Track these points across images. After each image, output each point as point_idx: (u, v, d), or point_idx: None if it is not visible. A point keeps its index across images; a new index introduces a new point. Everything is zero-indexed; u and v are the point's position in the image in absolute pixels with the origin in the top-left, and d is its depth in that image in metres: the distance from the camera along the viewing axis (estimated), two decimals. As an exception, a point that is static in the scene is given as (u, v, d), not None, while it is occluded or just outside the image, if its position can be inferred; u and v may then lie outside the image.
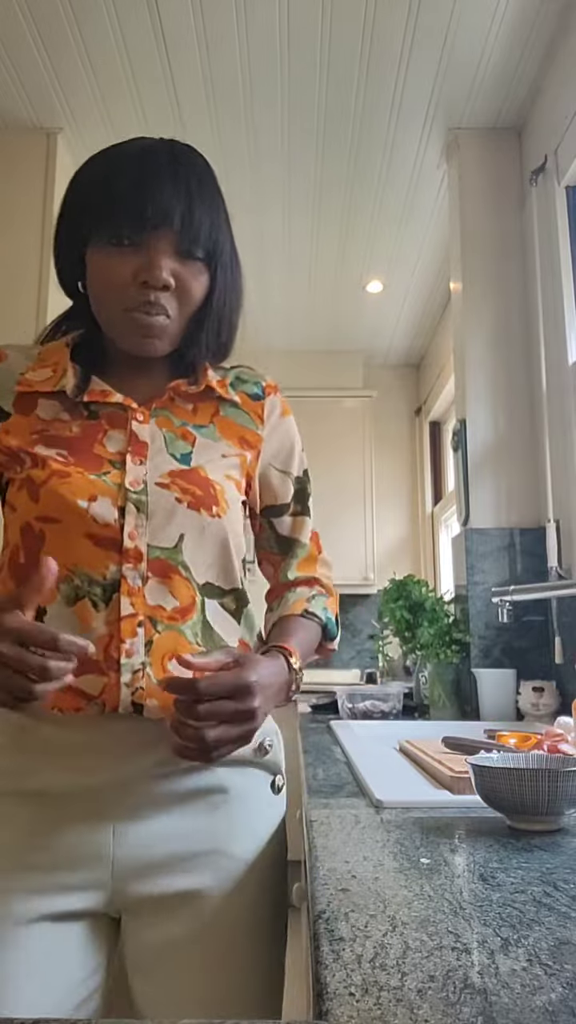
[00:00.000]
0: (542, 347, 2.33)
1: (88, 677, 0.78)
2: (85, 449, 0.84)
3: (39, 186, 2.65)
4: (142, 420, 0.87)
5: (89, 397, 0.86)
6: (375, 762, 1.29)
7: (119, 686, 0.78)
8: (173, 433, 0.88)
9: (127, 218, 0.80)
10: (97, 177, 0.84)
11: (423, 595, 2.45)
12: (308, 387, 4.39)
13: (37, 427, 0.85)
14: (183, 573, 0.83)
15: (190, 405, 0.91)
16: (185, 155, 0.86)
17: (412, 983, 0.45)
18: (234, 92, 2.48)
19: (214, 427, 0.92)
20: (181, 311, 0.85)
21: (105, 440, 0.85)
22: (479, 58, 2.32)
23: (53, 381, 0.87)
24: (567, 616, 2.10)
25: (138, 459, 0.84)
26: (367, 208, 3.12)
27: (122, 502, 0.81)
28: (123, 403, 0.87)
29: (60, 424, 0.85)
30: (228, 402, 0.94)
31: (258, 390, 0.98)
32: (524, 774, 0.79)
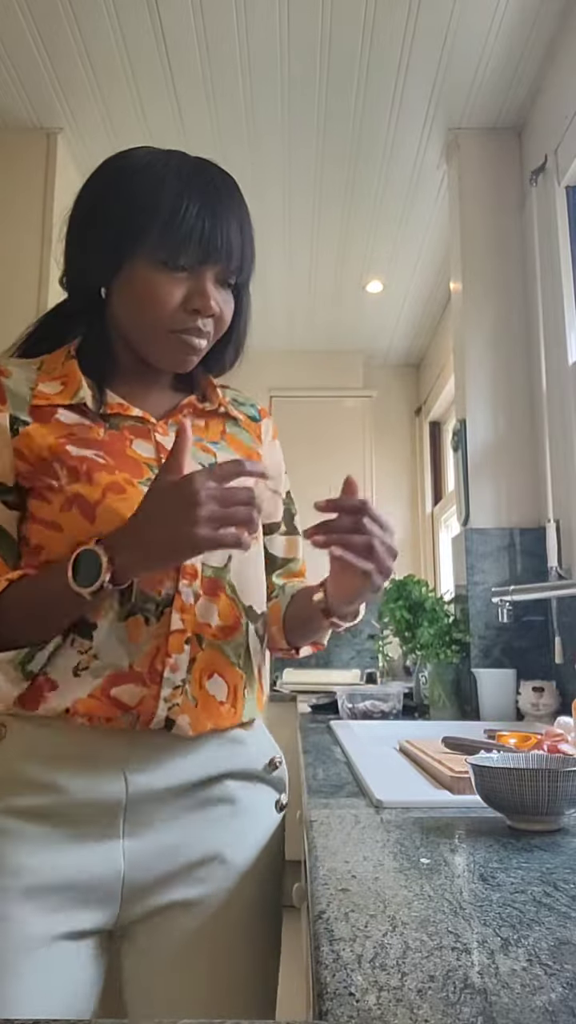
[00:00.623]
0: (542, 347, 2.33)
1: (127, 687, 0.78)
2: (120, 452, 0.83)
3: (39, 186, 2.65)
4: (163, 433, 0.88)
5: (109, 410, 0.86)
6: (375, 762, 1.29)
7: (158, 699, 0.78)
8: (194, 447, 0.89)
9: (194, 248, 0.80)
10: (156, 191, 0.81)
11: (423, 595, 2.45)
12: (308, 387, 4.39)
13: (63, 431, 0.83)
14: (229, 592, 0.85)
15: (202, 421, 0.93)
16: (233, 183, 0.88)
17: (412, 983, 0.45)
18: (234, 92, 2.48)
19: (225, 443, 0.93)
20: (216, 335, 0.87)
21: (134, 447, 0.85)
22: (479, 58, 2.32)
23: (68, 394, 0.85)
24: (567, 616, 2.10)
25: None
26: (367, 208, 3.12)
27: None
28: (143, 417, 0.87)
29: (86, 428, 0.84)
30: (232, 420, 0.96)
31: (254, 412, 1.01)
32: (524, 774, 0.79)
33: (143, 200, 0.82)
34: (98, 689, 0.78)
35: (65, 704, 0.78)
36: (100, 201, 0.85)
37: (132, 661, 0.79)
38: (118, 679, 0.78)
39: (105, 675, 0.78)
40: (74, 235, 0.87)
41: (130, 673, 0.78)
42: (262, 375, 4.32)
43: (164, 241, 0.80)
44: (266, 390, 4.33)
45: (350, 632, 4.37)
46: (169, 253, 0.80)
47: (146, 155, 0.86)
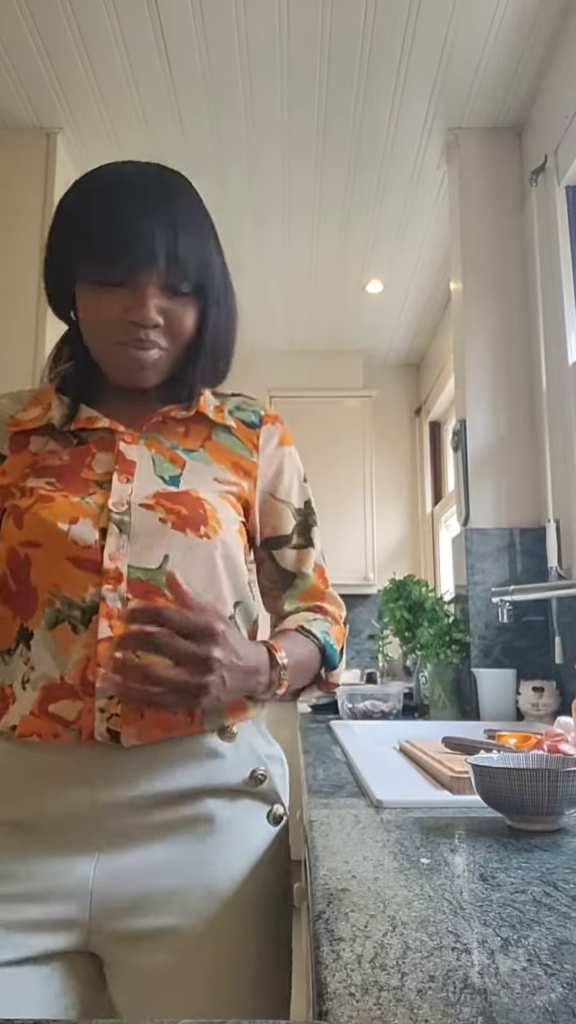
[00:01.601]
0: (542, 347, 2.33)
1: (63, 703, 0.76)
2: (73, 475, 0.84)
3: (39, 186, 2.65)
4: (130, 441, 0.87)
5: (76, 425, 0.87)
6: (375, 762, 1.29)
7: (94, 711, 0.76)
8: (162, 455, 0.87)
9: (113, 259, 0.79)
10: (81, 210, 0.83)
11: (423, 595, 2.45)
12: (308, 387, 4.39)
13: (29, 461, 0.86)
14: (168, 595, 0.79)
15: (181, 428, 0.91)
16: (171, 186, 0.84)
17: (412, 983, 0.45)
18: (234, 92, 2.48)
19: (203, 451, 0.90)
20: (173, 344, 0.85)
21: (93, 463, 0.85)
22: (479, 58, 2.31)
23: (42, 416, 0.88)
24: (567, 616, 2.10)
25: (124, 476, 0.83)
26: (367, 208, 3.12)
27: (104, 523, 0.80)
28: (110, 427, 0.87)
29: (50, 454, 0.86)
30: (221, 427, 0.92)
31: (255, 418, 0.96)
32: (524, 774, 0.79)
33: (74, 225, 0.83)
34: (36, 704, 0.77)
35: (13, 721, 0.78)
36: (52, 230, 0.87)
37: (63, 672, 0.77)
38: (52, 692, 0.77)
39: (40, 687, 0.77)
40: (44, 269, 0.89)
41: (63, 686, 0.77)
42: (262, 375, 4.32)
43: (93, 260, 0.80)
44: (266, 390, 4.33)
45: (350, 632, 4.37)
46: (99, 271, 0.80)
47: (86, 177, 0.86)
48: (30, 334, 2.54)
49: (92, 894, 0.76)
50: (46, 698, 0.77)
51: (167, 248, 0.79)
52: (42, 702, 0.77)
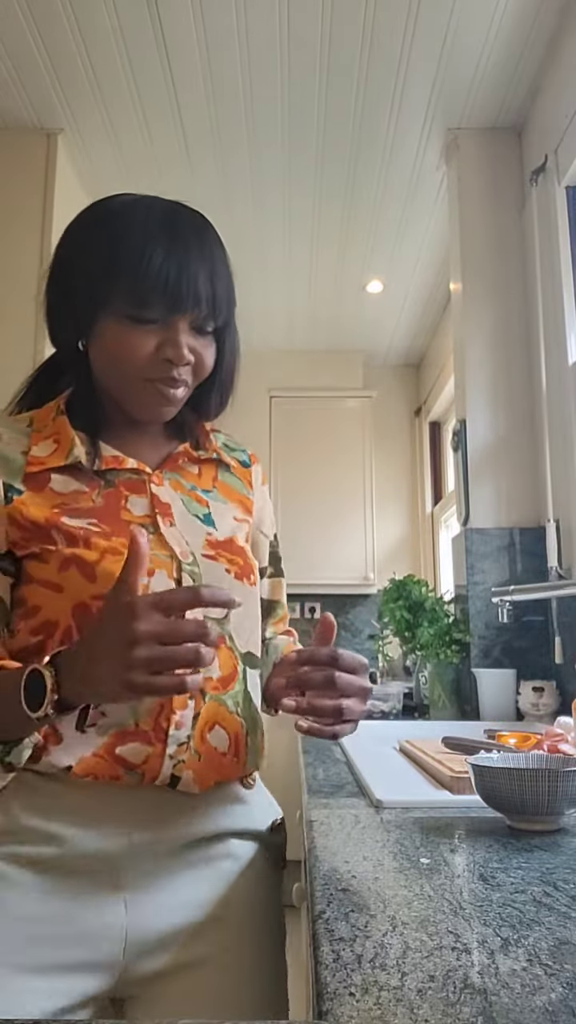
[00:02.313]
0: (542, 347, 2.33)
1: (133, 746, 0.77)
2: (114, 517, 0.83)
3: (39, 186, 2.65)
4: (158, 483, 0.88)
5: (104, 465, 0.85)
6: (375, 762, 1.29)
7: (163, 757, 0.77)
8: (188, 496, 0.89)
9: (157, 297, 0.78)
10: (120, 245, 0.80)
11: (423, 595, 2.45)
12: (308, 387, 4.39)
13: (56, 501, 0.83)
14: (228, 643, 0.85)
15: (195, 468, 0.93)
16: (204, 227, 0.84)
17: (412, 983, 0.45)
18: (234, 92, 2.48)
19: (217, 491, 0.94)
20: (195, 381, 0.86)
21: (128, 505, 0.84)
22: (479, 58, 2.32)
23: (62, 453, 0.85)
24: (567, 616, 2.10)
25: (168, 520, 0.84)
26: (367, 208, 3.12)
27: (177, 574, 0.81)
28: (138, 468, 0.87)
29: (81, 495, 0.83)
30: (225, 466, 0.96)
31: (245, 458, 1.01)
32: (524, 774, 0.79)
33: (107, 256, 0.81)
34: (103, 748, 0.77)
35: (68, 761, 0.76)
36: (71, 256, 0.85)
37: (137, 719, 0.78)
38: (123, 737, 0.77)
39: (110, 733, 0.77)
40: (51, 290, 0.87)
41: (136, 731, 0.77)
42: (262, 375, 4.32)
43: (130, 297, 0.79)
44: (266, 390, 4.33)
45: (350, 632, 4.37)
46: (136, 308, 0.79)
47: (116, 206, 0.85)
48: (29, 335, 2.54)
49: (127, 935, 0.77)
50: (115, 742, 0.77)
51: (208, 289, 0.81)
52: (110, 745, 0.77)
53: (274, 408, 4.34)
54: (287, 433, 4.29)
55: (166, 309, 0.79)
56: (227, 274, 0.85)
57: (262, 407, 4.31)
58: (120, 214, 0.83)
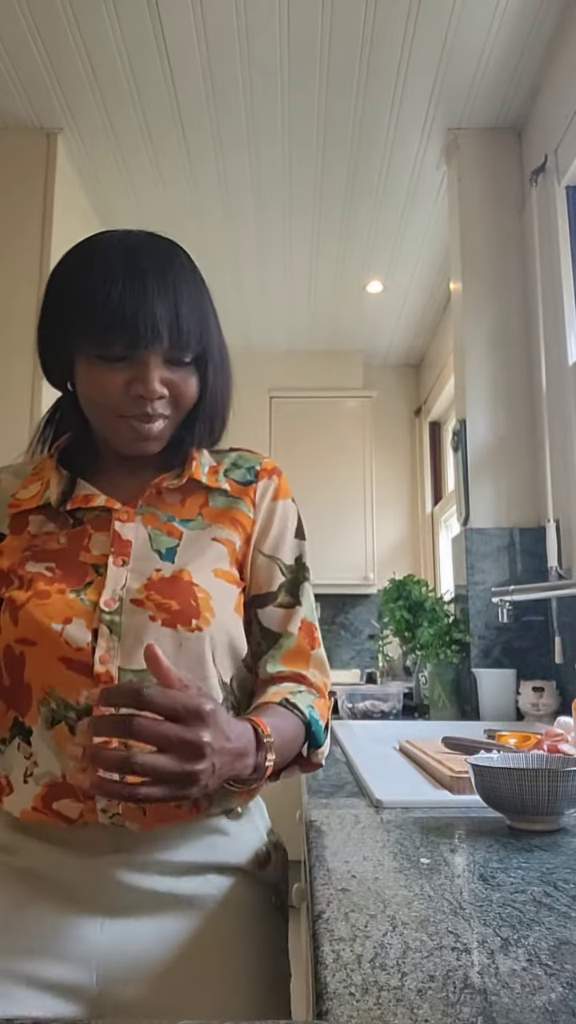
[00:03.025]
0: (542, 347, 2.33)
1: (66, 802, 0.76)
2: (71, 560, 0.83)
3: (39, 186, 2.64)
4: (126, 519, 0.85)
5: (72, 504, 0.86)
6: (375, 762, 1.29)
7: (96, 811, 0.76)
8: (158, 529, 0.86)
9: (117, 334, 0.77)
10: (78, 282, 0.81)
11: (423, 595, 2.45)
12: (308, 387, 4.39)
13: (28, 544, 0.85)
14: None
15: (178, 498, 0.89)
16: (169, 257, 0.82)
17: (412, 983, 0.45)
18: (234, 92, 2.48)
19: (201, 518, 0.89)
20: (177, 413, 0.85)
21: (90, 545, 0.84)
22: (479, 58, 2.31)
23: (40, 495, 0.87)
24: (567, 616, 2.10)
25: (120, 559, 0.82)
26: (367, 208, 3.12)
27: (96, 623, 0.78)
28: (106, 505, 0.86)
29: (47, 537, 0.85)
30: (216, 491, 0.90)
31: (250, 476, 0.93)
32: (524, 774, 0.79)
33: (72, 296, 0.81)
34: (39, 799, 0.77)
35: (16, 812, 0.78)
36: (47, 299, 0.85)
37: (64, 771, 0.77)
38: (56, 791, 0.77)
39: (43, 783, 0.77)
40: (38, 334, 0.87)
41: (64, 785, 0.76)
42: (262, 375, 4.32)
43: (93, 336, 0.79)
44: (266, 390, 4.33)
45: (350, 632, 4.37)
46: (100, 347, 0.79)
47: (87, 244, 0.84)
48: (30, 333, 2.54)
49: (99, 959, 0.75)
50: (50, 795, 0.77)
51: (169, 321, 0.78)
52: (46, 798, 0.77)
53: (274, 408, 4.34)
54: (287, 433, 4.29)
55: (128, 345, 0.78)
56: (197, 302, 0.82)
57: (262, 407, 4.31)
58: (86, 253, 0.83)
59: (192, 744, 0.62)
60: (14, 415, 2.47)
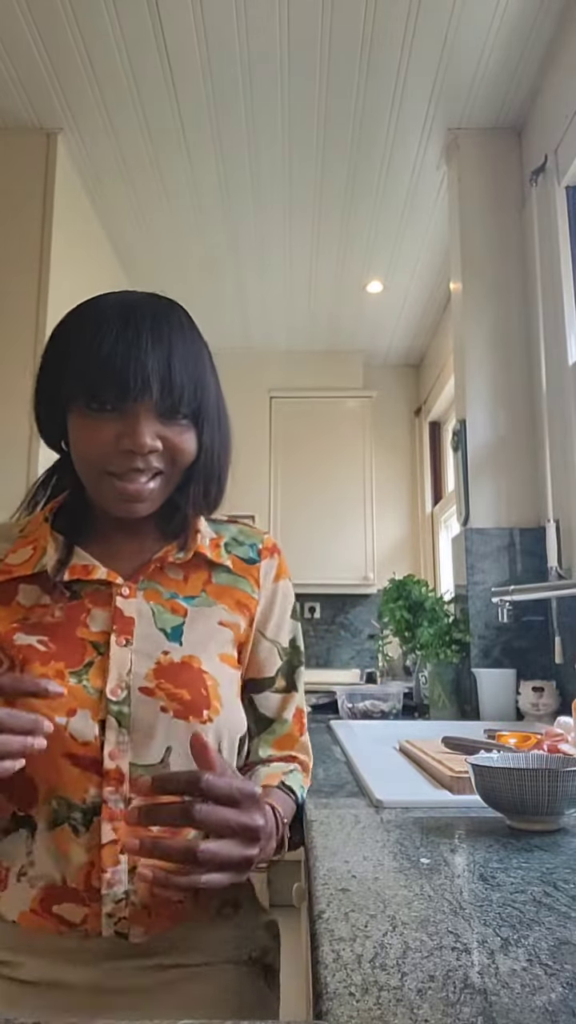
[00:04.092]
0: (542, 347, 2.33)
1: (68, 906, 0.74)
2: (68, 635, 0.79)
3: (39, 186, 2.64)
4: (128, 595, 0.82)
5: (71, 575, 0.82)
6: (375, 762, 1.29)
7: (101, 916, 0.74)
8: (162, 606, 0.83)
9: (107, 386, 0.76)
10: (76, 338, 0.80)
11: (423, 595, 2.45)
12: (308, 387, 4.39)
13: (18, 615, 0.81)
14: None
15: (180, 574, 0.87)
16: (165, 314, 0.81)
17: (412, 983, 0.45)
18: (234, 92, 2.48)
19: (206, 595, 0.87)
20: (174, 469, 0.82)
21: (88, 620, 0.80)
22: (479, 58, 2.31)
23: (33, 561, 0.83)
24: (567, 616, 2.10)
25: (123, 638, 0.79)
26: (367, 208, 3.12)
27: (103, 715, 0.75)
28: (107, 579, 0.82)
29: (42, 609, 0.81)
30: (220, 567, 0.89)
31: (253, 553, 0.92)
32: (524, 774, 0.79)
33: (66, 352, 0.80)
34: (37, 902, 0.74)
35: (12, 915, 0.75)
36: (44, 358, 0.84)
37: (65, 875, 0.74)
38: (55, 894, 0.74)
39: (40, 886, 0.74)
40: (35, 394, 0.86)
41: (65, 889, 0.73)
42: (262, 375, 4.32)
43: (84, 388, 0.77)
44: (266, 390, 4.34)
45: (350, 632, 4.37)
46: (90, 398, 0.77)
47: (84, 304, 0.84)
48: (30, 332, 2.54)
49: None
50: (48, 898, 0.74)
51: (161, 374, 0.77)
52: (44, 901, 0.74)
53: (274, 408, 4.34)
54: (287, 433, 4.29)
55: (118, 397, 0.76)
56: (193, 358, 0.81)
57: (262, 407, 4.31)
58: (84, 309, 0.82)
59: (251, 828, 0.64)
60: (13, 417, 2.46)
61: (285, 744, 0.93)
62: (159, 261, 3.49)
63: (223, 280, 3.66)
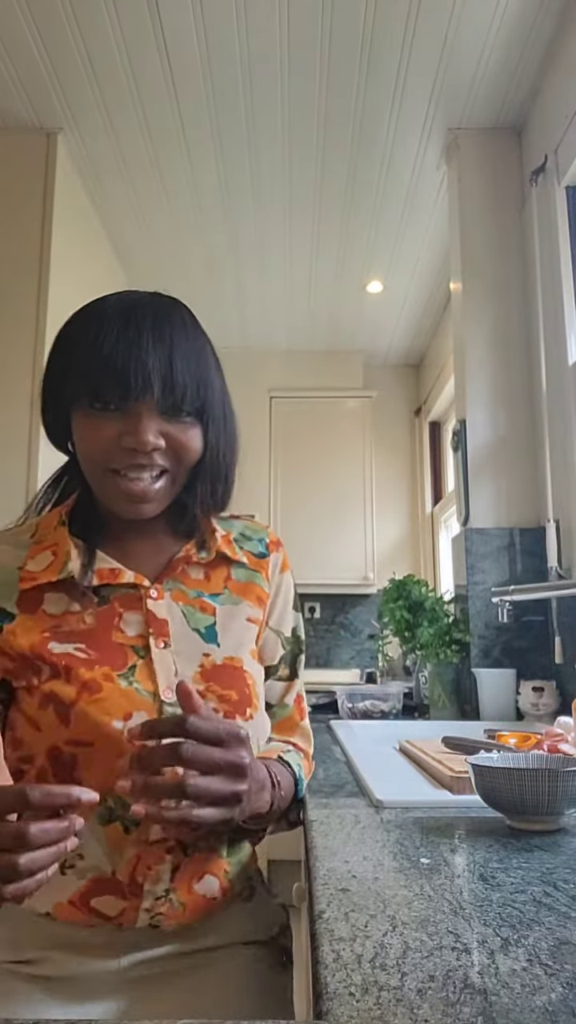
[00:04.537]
0: (542, 347, 2.33)
1: (107, 899, 0.75)
2: (105, 640, 0.79)
3: (39, 186, 2.64)
4: (156, 597, 0.83)
5: (99, 579, 0.82)
6: (375, 762, 1.29)
7: (138, 911, 0.76)
8: (191, 606, 0.84)
9: (109, 384, 0.77)
10: (79, 339, 0.81)
11: (423, 595, 2.45)
12: (308, 387, 4.39)
13: (48, 624, 0.80)
14: None
15: (201, 573, 0.88)
16: (168, 312, 0.82)
17: (412, 983, 0.45)
18: (234, 92, 2.48)
19: (228, 592, 0.88)
20: (179, 467, 0.82)
21: (122, 625, 0.81)
22: (479, 58, 2.31)
23: (56, 567, 0.82)
24: (567, 616, 2.10)
25: (161, 640, 0.80)
26: (367, 208, 3.12)
27: (159, 715, 0.76)
28: (135, 582, 0.83)
29: (72, 616, 0.81)
30: (237, 563, 0.91)
31: (262, 548, 0.94)
32: (524, 774, 0.79)
33: (70, 352, 0.81)
34: (78, 895, 0.75)
35: (46, 908, 0.76)
36: (49, 361, 0.85)
37: (115, 868, 0.76)
38: (99, 886, 0.75)
39: (88, 878, 0.76)
40: (42, 396, 0.86)
41: (112, 881, 0.75)
42: (262, 375, 4.32)
43: (87, 386, 0.78)
44: (266, 390, 4.33)
45: (350, 632, 4.37)
46: (93, 396, 0.78)
47: (88, 305, 0.84)
48: (30, 331, 2.54)
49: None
50: (91, 891, 0.76)
51: (162, 372, 0.77)
52: (86, 894, 0.76)
53: (274, 408, 4.34)
54: (287, 433, 4.29)
55: (120, 396, 0.77)
56: (195, 356, 0.81)
57: (262, 407, 4.31)
58: (88, 311, 0.83)
59: (237, 765, 0.67)
60: (13, 417, 2.46)
61: (286, 727, 0.95)
62: (159, 261, 3.49)
63: (223, 280, 3.66)
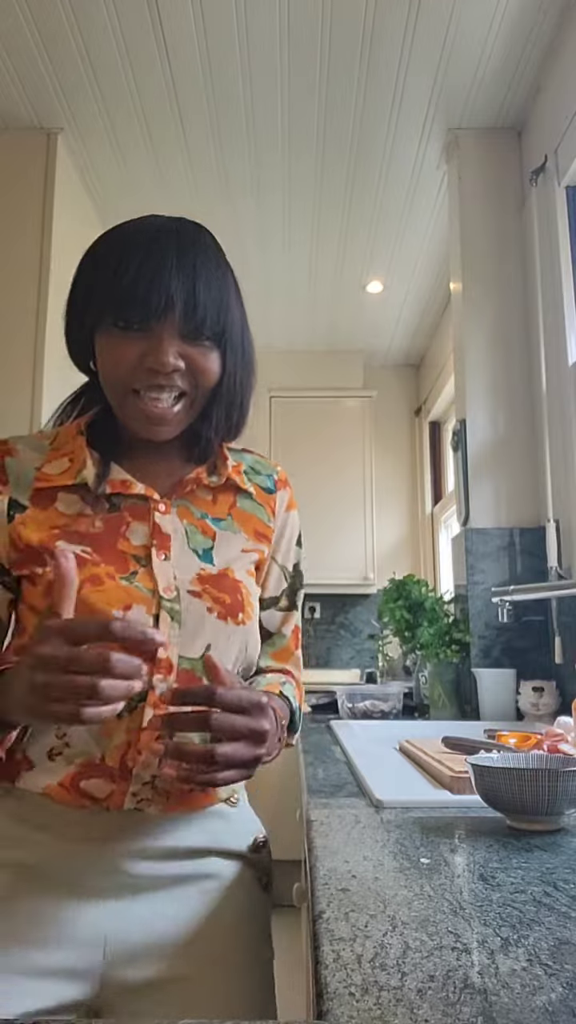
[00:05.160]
0: (542, 347, 2.33)
1: (96, 782, 0.78)
2: (109, 545, 0.82)
3: (39, 186, 2.64)
4: (164, 511, 0.86)
5: (111, 488, 0.85)
6: (375, 762, 1.29)
7: (126, 794, 0.78)
8: (194, 526, 0.87)
9: (132, 305, 0.78)
10: (103, 261, 0.83)
11: (423, 595, 2.45)
12: (308, 387, 4.39)
13: (58, 522, 0.83)
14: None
15: (209, 495, 0.91)
16: (191, 236, 0.84)
17: (412, 983, 0.45)
18: (234, 92, 2.48)
19: (231, 519, 0.91)
20: (197, 390, 0.84)
21: (128, 533, 0.84)
22: (479, 58, 2.31)
23: (72, 472, 0.85)
24: (567, 616, 2.10)
25: (163, 553, 0.83)
26: (367, 208, 3.12)
27: (156, 610, 0.80)
28: (145, 494, 0.86)
29: (83, 519, 0.84)
30: (244, 493, 0.93)
31: (270, 484, 0.97)
32: (524, 774, 0.79)
33: (93, 272, 0.83)
34: (68, 777, 0.78)
35: (39, 787, 0.78)
36: (73, 283, 0.87)
37: (104, 753, 0.78)
38: (88, 770, 0.78)
39: (76, 763, 0.78)
40: (65, 316, 0.88)
41: (101, 766, 0.78)
42: (262, 375, 4.22)
43: (111, 307, 0.80)
44: (266, 390, 4.33)
45: (350, 632, 4.37)
46: (116, 315, 0.80)
47: (112, 230, 0.86)
48: (30, 331, 2.54)
49: (106, 941, 0.77)
50: (81, 775, 0.78)
51: (184, 295, 0.79)
52: (76, 777, 0.78)
53: (274, 408, 4.34)
54: (287, 433, 4.29)
55: (143, 316, 0.79)
56: (217, 281, 0.82)
57: (262, 407, 4.31)
58: (113, 234, 0.85)
59: (259, 733, 0.72)
60: (14, 417, 2.47)
61: (282, 656, 0.99)
62: (159, 261, 3.48)
63: (223, 280, 3.65)
